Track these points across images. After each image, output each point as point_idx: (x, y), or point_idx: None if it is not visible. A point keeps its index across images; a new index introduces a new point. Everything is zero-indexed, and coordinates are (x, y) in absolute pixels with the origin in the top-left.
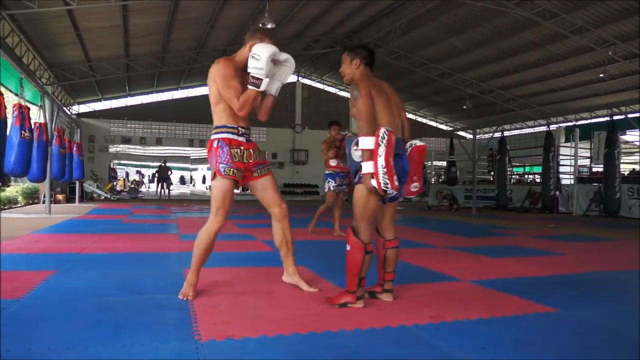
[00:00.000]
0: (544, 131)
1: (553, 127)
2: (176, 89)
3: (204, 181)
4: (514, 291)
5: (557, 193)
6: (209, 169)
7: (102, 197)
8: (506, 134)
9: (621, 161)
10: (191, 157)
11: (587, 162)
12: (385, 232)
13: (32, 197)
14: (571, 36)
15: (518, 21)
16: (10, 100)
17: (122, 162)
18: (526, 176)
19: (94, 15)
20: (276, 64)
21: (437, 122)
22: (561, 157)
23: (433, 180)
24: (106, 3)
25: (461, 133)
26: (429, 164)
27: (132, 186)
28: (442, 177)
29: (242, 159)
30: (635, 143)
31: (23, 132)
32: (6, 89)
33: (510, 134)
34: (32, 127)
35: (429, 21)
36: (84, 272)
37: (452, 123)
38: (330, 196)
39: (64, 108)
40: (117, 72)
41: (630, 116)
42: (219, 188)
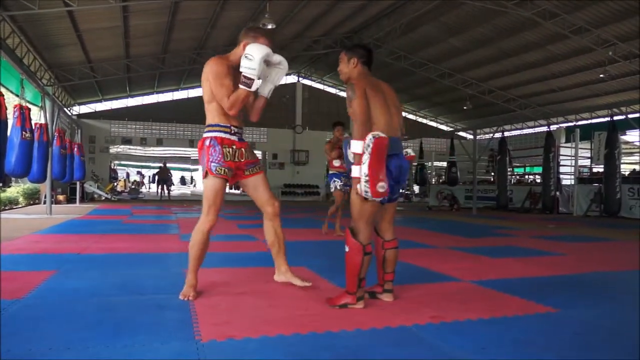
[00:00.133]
0: (544, 131)
1: (553, 127)
2: (176, 89)
3: None
4: (514, 291)
5: (558, 193)
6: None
7: (103, 198)
8: (506, 134)
9: (621, 161)
10: (192, 158)
11: (587, 162)
12: (384, 232)
13: (32, 198)
14: (571, 36)
15: (518, 21)
16: (11, 101)
17: (123, 162)
18: (526, 176)
19: (94, 16)
20: (269, 66)
21: (437, 122)
22: (561, 157)
23: (434, 180)
24: (106, 4)
25: (462, 133)
26: (429, 164)
27: (133, 187)
28: (443, 177)
29: (234, 158)
30: (636, 143)
31: (24, 132)
32: (7, 89)
33: (511, 135)
34: (33, 127)
35: (429, 21)
36: (84, 273)
37: (452, 123)
38: (338, 196)
39: (65, 109)
40: (118, 72)
41: (630, 116)
42: (210, 187)
